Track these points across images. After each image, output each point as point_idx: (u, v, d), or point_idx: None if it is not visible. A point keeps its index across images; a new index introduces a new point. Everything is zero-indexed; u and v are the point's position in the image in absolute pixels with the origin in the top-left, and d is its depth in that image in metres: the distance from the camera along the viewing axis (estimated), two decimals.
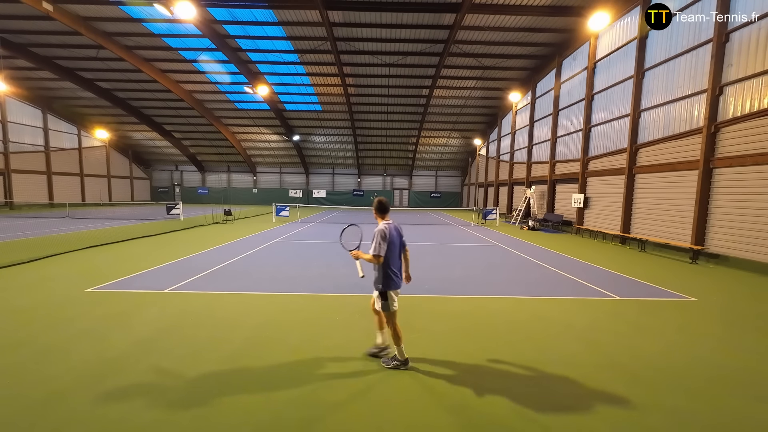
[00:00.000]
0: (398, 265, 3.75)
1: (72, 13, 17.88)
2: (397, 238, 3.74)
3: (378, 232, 3.56)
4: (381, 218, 3.77)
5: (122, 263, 8.53)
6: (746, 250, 9.35)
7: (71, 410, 2.99)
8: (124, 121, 32.89)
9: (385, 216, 3.79)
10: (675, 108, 11.85)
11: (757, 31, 9.28)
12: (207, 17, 18.29)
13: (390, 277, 3.63)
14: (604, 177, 15.56)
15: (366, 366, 3.82)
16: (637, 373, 3.79)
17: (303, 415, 2.98)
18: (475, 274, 8.23)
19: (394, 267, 3.67)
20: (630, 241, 13.57)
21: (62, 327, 4.71)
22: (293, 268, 8.46)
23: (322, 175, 41.66)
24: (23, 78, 25.83)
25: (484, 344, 4.42)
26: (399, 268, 3.76)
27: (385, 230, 3.58)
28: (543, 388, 3.45)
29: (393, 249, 3.65)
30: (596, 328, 5.01)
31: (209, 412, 2.99)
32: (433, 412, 3.05)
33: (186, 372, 3.63)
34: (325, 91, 26.98)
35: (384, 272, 3.63)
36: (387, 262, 3.60)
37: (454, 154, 38.38)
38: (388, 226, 3.64)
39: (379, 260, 3.56)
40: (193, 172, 42.19)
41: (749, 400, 3.34)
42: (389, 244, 3.59)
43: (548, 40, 19.19)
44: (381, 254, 3.53)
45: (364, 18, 17.92)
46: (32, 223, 17.72)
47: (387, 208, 3.80)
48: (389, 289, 3.63)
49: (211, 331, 4.64)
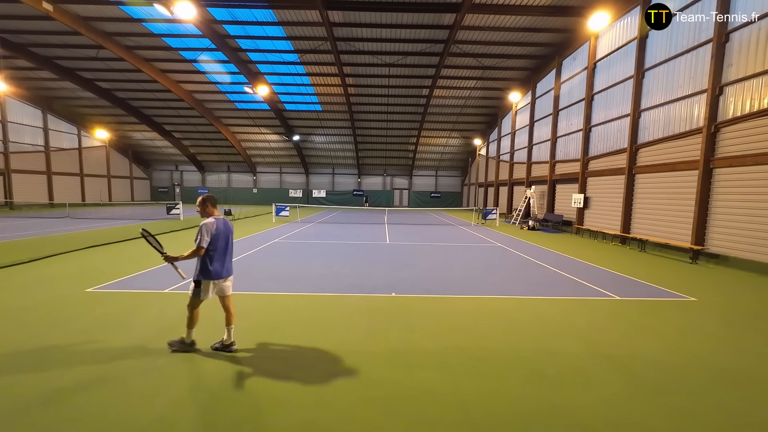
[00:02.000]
0: (222, 257, 3.95)
1: (72, 13, 17.87)
2: (225, 232, 3.98)
3: (203, 226, 3.80)
4: (211, 213, 4.02)
5: (122, 263, 8.53)
6: (746, 250, 9.35)
7: (71, 410, 2.99)
8: (124, 121, 32.89)
9: (215, 210, 4.07)
10: (675, 108, 11.85)
11: (757, 31, 9.28)
12: (207, 17, 18.29)
13: (207, 268, 3.85)
14: (604, 177, 15.57)
15: (366, 366, 3.82)
16: (637, 372, 3.79)
17: (305, 417, 2.97)
18: (475, 274, 8.23)
19: (216, 259, 3.89)
20: (630, 241, 13.58)
21: (62, 327, 4.71)
22: (293, 268, 8.46)
23: (322, 175, 41.67)
24: (23, 78, 25.82)
25: (483, 344, 4.42)
26: (222, 260, 3.96)
27: (212, 224, 3.83)
28: (542, 388, 3.45)
29: (217, 242, 3.87)
30: (596, 328, 5.01)
31: (209, 414, 2.99)
32: (435, 412, 3.05)
33: (185, 373, 3.63)
34: (325, 91, 26.98)
35: (203, 263, 3.86)
36: (208, 253, 3.83)
37: (454, 154, 38.38)
38: (215, 221, 3.89)
39: (200, 252, 3.78)
40: (193, 172, 42.19)
41: (749, 401, 3.34)
42: (214, 238, 3.83)
43: (548, 40, 19.19)
44: (203, 246, 3.76)
45: (364, 18, 17.92)
46: (32, 223, 17.72)
47: (216, 203, 4.13)
48: (204, 279, 3.87)
49: (211, 331, 4.64)
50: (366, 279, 7.54)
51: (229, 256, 4.08)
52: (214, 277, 3.88)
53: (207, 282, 3.88)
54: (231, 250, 4.11)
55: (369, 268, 8.65)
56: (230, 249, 4.09)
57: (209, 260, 3.85)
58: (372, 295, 6.34)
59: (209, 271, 3.85)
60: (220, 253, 3.91)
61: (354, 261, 9.41)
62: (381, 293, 6.48)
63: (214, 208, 4.06)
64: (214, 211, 4.04)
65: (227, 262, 4.02)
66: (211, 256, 3.85)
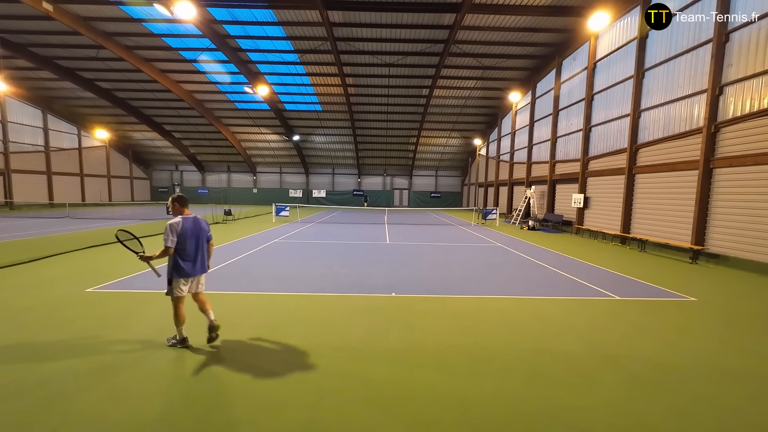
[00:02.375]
0: (192, 256, 4.01)
1: (72, 13, 17.87)
2: (194, 231, 4.02)
3: (169, 226, 3.87)
4: (180, 212, 4.08)
5: (122, 263, 8.53)
6: (746, 250, 9.35)
7: (71, 410, 2.99)
8: (124, 121, 32.89)
9: (185, 209, 4.12)
10: (675, 108, 11.85)
11: (757, 31, 9.28)
12: (207, 17, 18.29)
13: (178, 266, 3.94)
14: (604, 177, 15.56)
15: (366, 366, 3.82)
16: (637, 372, 3.79)
17: (305, 417, 2.98)
18: (475, 274, 8.23)
19: (186, 257, 3.96)
20: (630, 241, 13.57)
21: (62, 327, 4.71)
22: (293, 268, 8.46)
23: (322, 175, 41.66)
24: (23, 78, 25.83)
25: (483, 344, 4.42)
26: (193, 259, 4.02)
27: (177, 224, 3.90)
28: (542, 388, 3.45)
29: (185, 241, 3.93)
30: (596, 328, 5.01)
31: (209, 414, 2.99)
32: (435, 412, 3.05)
33: (186, 373, 3.63)
34: (325, 91, 26.98)
35: (173, 261, 3.95)
36: (177, 252, 3.92)
37: (454, 154, 38.38)
38: (182, 221, 3.95)
39: (168, 251, 3.86)
40: (193, 172, 42.20)
41: (749, 401, 3.34)
42: (181, 237, 3.89)
43: (548, 40, 19.19)
44: (170, 246, 3.85)
45: (364, 18, 17.92)
46: (32, 223, 17.72)
47: (186, 203, 4.17)
48: (175, 276, 3.96)
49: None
50: (366, 279, 7.53)
51: (201, 254, 4.13)
52: (183, 275, 3.97)
53: (177, 280, 3.98)
54: (203, 248, 4.15)
55: (369, 268, 8.65)
56: (202, 248, 4.13)
57: (179, 259, 3.94)
58: (372, 295, 6.34)
59: (179, 269, 3.95)
60: (189, 252, 3.98)
61: (354, 261, 9.41)
62: (381, 293, 6.48)
63: (183, 207, 4.12)
64: (183, 210, 4.12)
65: (198, 260, 4.08)
66: (181, 255, 3.94)
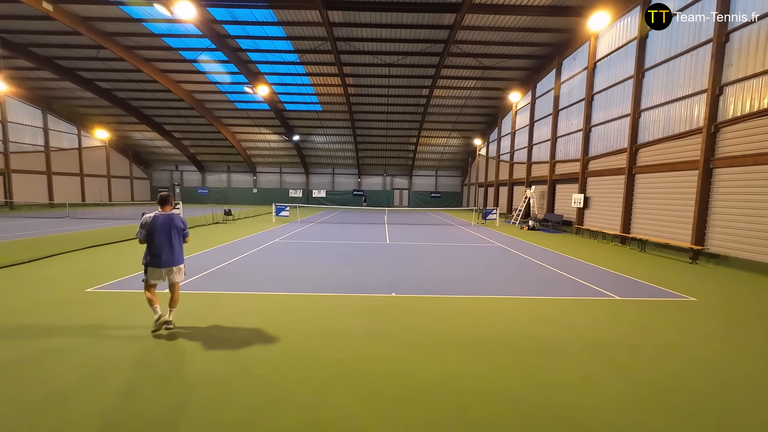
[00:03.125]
0: (159, 249, 4.45)
1: (72, 13, 17.87)
2: (165, 226, 4.49)
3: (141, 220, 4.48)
4: (160, 209, 4.61)
5: (122, 263, 8.53)
6: (746, 250, 9.35)
7: (71, 410, 2.99)
8: (124, 121, 32.89)
9: (164, 207, 4.63)
10: (675, 108, 11.85)
11: (757, 31, 9.28)
12: (207, 17, 18.29)
13: (147, 256, 4.49)
14: (604, 177, 15.56)
15: (366, 366, 3.82)
16: (637, 373, 3.79)
17: (305, 417, 2.97)
18: (474, 274, 8.23)
19: (155, 249, 4.45)
20: (630, 241, 13.57)
21: (62, 327, 4.71)
22: (293, 268, 8.46)
23: (322, 175, 41.67)
24: (23, 78, 25.83)
25: (483, 344, 4.42)
26: (160, 251, 4.46)
27: (146, 219, 4.43)
28: (542, 389, 3.45)
29: (155, 234, 4.42)
30: (596, 328, 5.01)
31: (209, 414, 2.99)
32: (435, 412, 3.05)
33: (187, 372, 3.63)
34: (325, 91, 26.98)
35: (145, 252, 4.54)
36: (148, 244, 4.47)
37: (454, 154, 38.38)
38: (153, 216, 4.46)
39: (140, 242, 4.48)
40: (193, 172, 42.20)
41: (749, 401, 3.34)
42: (150, 230, 4.41)
43: (548, 40, 19.19)
44: (138, 237, 4.48)
45: (364, 18, 17.92)
46: (32, 223, 17.72)
47: (165, 201, 4.67)
48: (148, 265, 4.48)
49: (210, 331, 4.65)
50: (366, 279, 7.53)
51: (173, 247, 4.55)
52: (154, 265, 4.45)
53: (151, 269, 4.47)
54: (175, 241, 4.57)
55: (369, 268, 8.65)
56: (174, 241, 4.56)
57: (150, 249, 4.46)
58: (372, 295, 6.34)
59: (150, 258, 4.46)
60: (158, 244, 4.43)
61: (354, 261, 9.41)
62: (381, 293, 6.48)
63: (161, 205, 4.64)
64: (162, 208, 4.62)
65: (166, 253, 4.48)
66: (150, 247, 4.46)
